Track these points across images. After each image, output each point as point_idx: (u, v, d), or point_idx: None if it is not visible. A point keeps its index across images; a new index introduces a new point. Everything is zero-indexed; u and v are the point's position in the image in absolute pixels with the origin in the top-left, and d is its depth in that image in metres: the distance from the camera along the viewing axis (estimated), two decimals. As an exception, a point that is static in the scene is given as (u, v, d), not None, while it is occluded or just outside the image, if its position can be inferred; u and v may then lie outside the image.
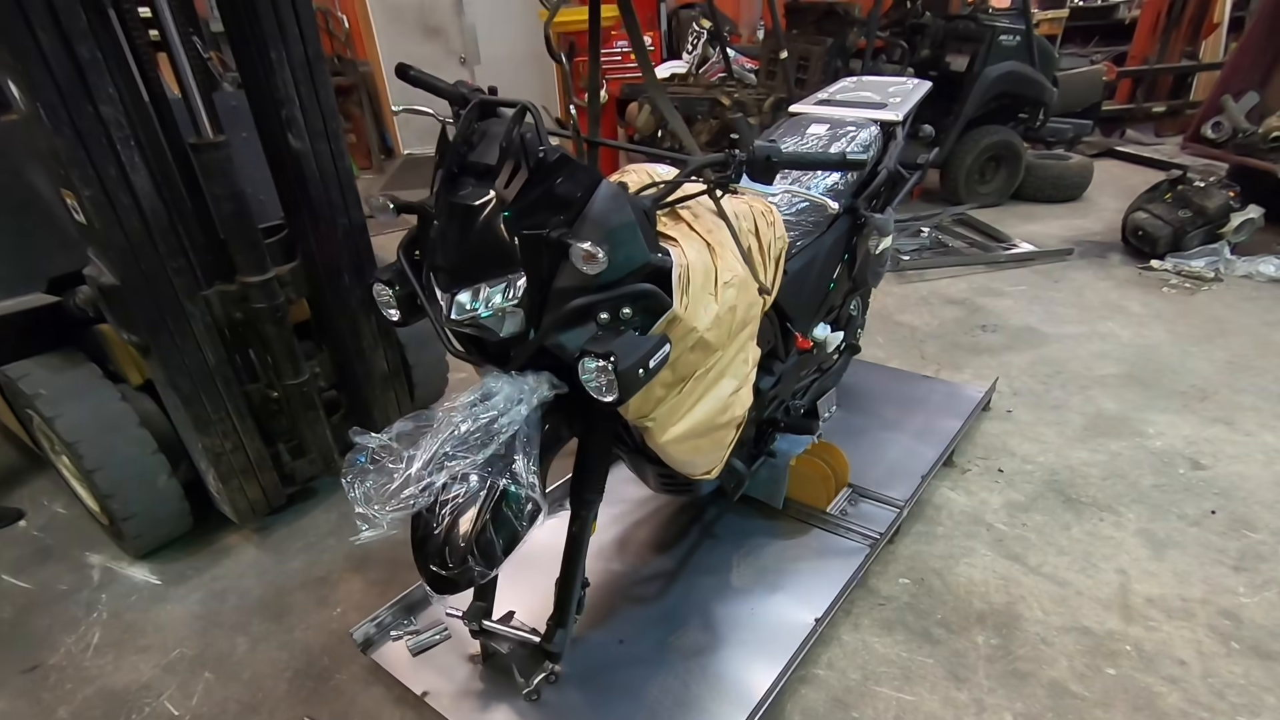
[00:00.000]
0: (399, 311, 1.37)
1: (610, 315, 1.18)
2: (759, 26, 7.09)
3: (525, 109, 1.13)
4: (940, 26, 4.72)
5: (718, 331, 1.32)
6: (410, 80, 1.35)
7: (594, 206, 1.15)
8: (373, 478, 1.23)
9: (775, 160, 1.19)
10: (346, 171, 2.03)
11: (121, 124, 1.62)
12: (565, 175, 1.16)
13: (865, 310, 2.39)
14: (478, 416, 1.20)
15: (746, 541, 2.02)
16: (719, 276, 1.32)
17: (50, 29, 1.47)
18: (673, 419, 1.35)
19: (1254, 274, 3.58)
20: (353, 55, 6.49)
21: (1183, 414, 2.61)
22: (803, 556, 1.97)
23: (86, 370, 2.02)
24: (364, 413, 2.33)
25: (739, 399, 1.46)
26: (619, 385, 1.13)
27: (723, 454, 1.54)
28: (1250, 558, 1.98)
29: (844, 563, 1.91)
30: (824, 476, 2.05)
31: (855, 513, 2.08)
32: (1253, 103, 4.04)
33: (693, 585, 1.89)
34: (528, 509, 1.23)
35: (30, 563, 2.18)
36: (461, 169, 1.20)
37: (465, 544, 1.20)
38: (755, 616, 1.79)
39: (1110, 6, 7.49)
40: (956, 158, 4.68)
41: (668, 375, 1.29)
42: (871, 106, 2.12)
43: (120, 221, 1.67)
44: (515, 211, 1.14)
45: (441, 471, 1.18)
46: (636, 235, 1.19)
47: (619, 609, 1.83)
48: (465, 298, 1.19)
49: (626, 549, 2.02)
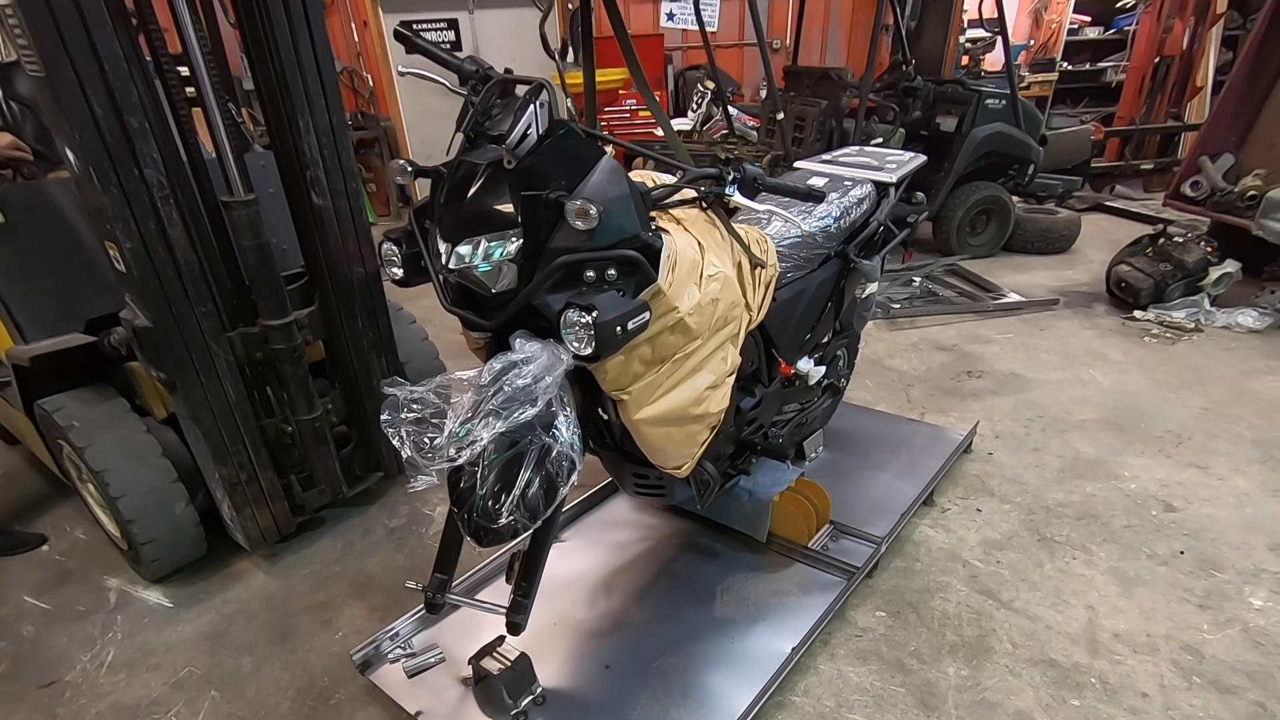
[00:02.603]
0: (403, 270, 1.45)
1: (596, 274, 1.25)
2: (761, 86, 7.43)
3: (542, 85, 1.26)
4: (930, 90, 4.96)
5: (699, 318, 1.42)
6: (415, 48, 1.41)
7: (594, 176, 1.25)
8: (415, 428, 1.28)
9: (759, 182, 1.42)
10: (364, 226, 2.21)
11: (162, 184, 1.79)
12: (571, 145, 1.26)
13: (853, 357, 2.52)
14: (522, 376, 1.25)
15: (731, 574, 2.11)
16: (704, 270, 1.44)
17: (106, 104, 1.65)
18: (648, 397, 1.44)
19: (1233, 325, 3.69)
20: (375, 111, 6.88)
21: (1158, 458, 2.69)
22: (784, 589, 2.05)
23: (116, 404, 2.17)
24: (372, 447, 2.47)
25: (714, 397, 1.55)
26: (596, 339, 1.19)
27: (694, 451, 1.62)
28: (1215, 596, 2.05)
29: (823, 595, 1.99)
30: (806, 513, 2.14)
31: (836, 548, 2.17)
32: (1229, 164, 4.22)
33: (677, 615, 1.98)
34: (566, 466, 1.30)
35: (51, 585, 2.30)
36: (478, 135, 1.30)
37: (512, 498, 1.28)
38: (736, 645, 1.87)
39: (1098, 70, 7.79)
40: (948, 211, 4.87)
41: (647, 352, 1.38)
42: (870, 169, 2.30)
43: (156, 270, 1.83)
44: (520, 171, 1.22)
45: (488, 427, 1.23)
46: (630, 208, 1.28)
47: (606, 636, 1.91)
48: (465, 249, 1.27)
49: (615, 581, 2.11)
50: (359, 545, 2.40)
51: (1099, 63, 7.84)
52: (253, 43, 1.92)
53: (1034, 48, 7.85)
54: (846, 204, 2.08)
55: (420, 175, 1.40)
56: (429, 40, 1.44)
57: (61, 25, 1.56)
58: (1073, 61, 7.83)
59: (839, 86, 4.97)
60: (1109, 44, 7.84)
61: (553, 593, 2.00)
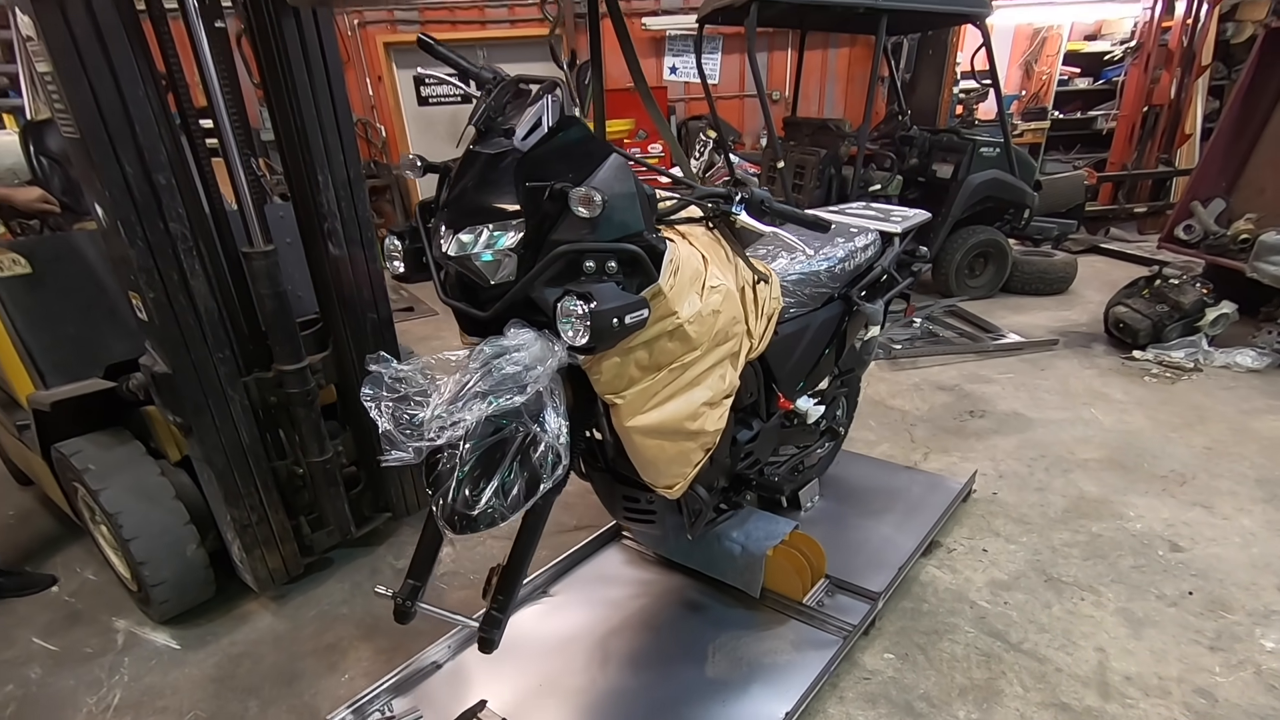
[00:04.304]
0: (404, 265, 1.43)
1: (597, 265, 1.23)
2: (761, 134, 7.64)
3: (555, 83, 1.28)
4: (926, 139, 5.10)
5: (698, 327, 1.40)
6: (436, 55, 1.40)
7: (602, 170, 1.24)
8: (397, 403, 1.23)
9: (766, 205, 1.45)
10: (378, 274, 2.28)
11: (186, 236, 1.85)
12: (581, 140, 1.26)
13: (853, 404, 2.55)
14: (512, 363, 1.21)
15: (723, 632, 2.04)
16: (707, 280, 1.43)
17: (135, 163, 1.73)
18: (643, 404, 1.41)
19: (1232, 364, 3.73)
20: (387, 160, 7.10)
21: (1162, 497, 2.70)
22: (778, 648, 1.98)
23: (131, 448, 2.20)
24: (380, 488, 2.50)
25: (710, 415, 1.53)
26: (591, 330, 1.16)
27: (687, 472, 1.58)
28: (1226, 638, 2.03)
29: (818, 655, 1.93)
30: (800, 568, 2.08)
31: (832, 604, 2.11)
32: (1220, 208, 4.32)
33: (669, 675, 1.92)
34: (551, 460, 1.25)
35: (60, 626, 2.31)
36: (489, 129, 1.29)
37: (491, 484, 1.23)
38: (728, 709, 1.80)
39: (1089, 119, 8.00)
40: (946, 254, 4.96)
41: (644, 356, 1.35)
42: (876, 220, 2.37)
43: (177, 319, 1.88)
44: (528, 160, 1.22)
45: (472, 410, 1.19)
46: (635, 205, 1.26)
47: (593, 701, 1.85)
48: (468, 237, 1.25)
49: (603, 641, 2.04)
50: (366, 586, 2.40)
51: (1089, 111, 8.06)
52: (276, 101, 2.03)
53: (1025, 98, 8.09)
54: (851, 247, 2.13)
55: (430, 170, 1.40)
56: (446, 55, 1.43)
57: (97, 90, 1.64)
58: (1064, 110, 8.05)
59: (837, 136, 5.11)
60: (1099, 93, 8.07)
61: (540, 654, 1.97)
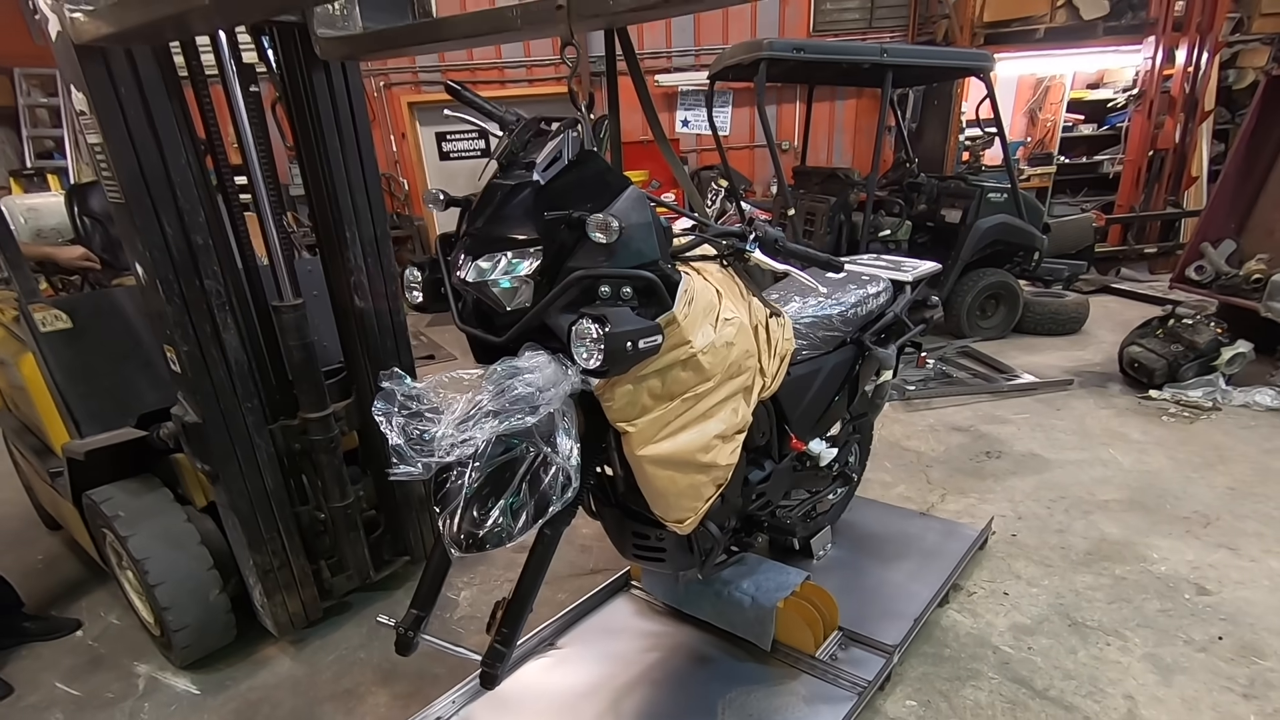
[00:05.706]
0: (422, 295, 1.45)
1: (612, 291, 1.25)
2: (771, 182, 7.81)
3: (576, 120, 1.32)
4: (934, 185, 5.21)
5: (712, 358, 1.42)
6: (462, 99, 1.43)
7: (620, 201, 1.28)
8: (408, 419, 1.23)
9: (779, 244, 1.51)
10: (401, 325, 2.37)
11: (220, 292, 1.93)
12: (599, 172, 1.30)
13: (866, 450, 2.55)
14: (525, 383, 1.21)
15: (733, 687, 1.99)
16: (721, 313, 1.46)
17: (176, 225, 1.82)
18: (654, 433, 1.41)
19: (1251, 404, 3.70)
20: (409, 212, 7.34)
21: (1186, 539, 2.66)
22: (789, 704, 1.92)
23: (160, 495, 2.26)
24: (399, 532, 2.54)
25: (723, 449, 1.53)
26: (605, 352, 1.17)
27: (698, 506, 1.57)
28: (1260, 684, 1.98)
29: (831, 711, 1.88)
30: (812, 620, 2.04)
31: (845, 657, 2.06)
32: (1230, 249, 4.35)
33: None
34: (561, 482, 1.26)
35: (83, 671, 2.33)
36: (511, 164, 1.33)
37: (500, 504, 1.24)
38: None
39: (1095, 163, 8.11)
40: (957, 296, 5.01)
41: (656, 385, 1.37)
42: (889, 269, 2.42)
43: (209, 371, 1.95)
44: (547, 190, 1.25)
45: (484, 429, 1.19)
46: (652, 235, 1.30)
47: None
48: (486, 264, 1.28)
49: (611, 698, 2.00)
50: (384, 630, 2.39)
51: (1095, 156, 8.16)
52: (307, 161, 2.14)
53: (1031, 144, 8.22)
54: (863, 293, 2.17)
55: (451, 204, 1.43)
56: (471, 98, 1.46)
57: (142, 159, 1.74)
58: (1070, 155, 8.16)
59: (846, 184, 5.23)
60: (1103, 139, 8.18)
61: (548, 711, 1.96)
